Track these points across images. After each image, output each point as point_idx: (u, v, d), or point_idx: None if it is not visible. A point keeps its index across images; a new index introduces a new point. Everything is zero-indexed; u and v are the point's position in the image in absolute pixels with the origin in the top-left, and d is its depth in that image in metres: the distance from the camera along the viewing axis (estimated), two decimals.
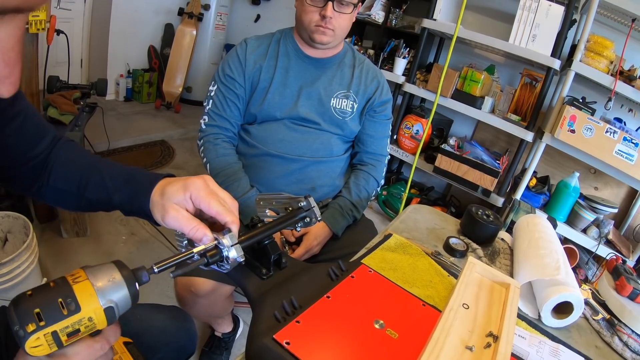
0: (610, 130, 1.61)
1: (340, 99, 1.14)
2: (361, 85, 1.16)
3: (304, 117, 1.11)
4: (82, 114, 1.56)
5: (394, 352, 0.47)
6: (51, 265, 1.55)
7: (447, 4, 2.14)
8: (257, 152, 1.11)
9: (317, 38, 1.05)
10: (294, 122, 1.11)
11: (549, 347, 0.61)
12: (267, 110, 1.10)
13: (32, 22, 1.38)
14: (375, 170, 1.20)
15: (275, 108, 1.10)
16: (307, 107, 1.11)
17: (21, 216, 1.26)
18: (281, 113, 1.10)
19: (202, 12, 3.30)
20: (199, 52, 3.43)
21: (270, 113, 1.10)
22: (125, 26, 3.10)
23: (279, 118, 1.10)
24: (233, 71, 1.10)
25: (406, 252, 0.79)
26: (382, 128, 1.21)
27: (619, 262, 0.83)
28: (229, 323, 1.38)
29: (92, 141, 2.01)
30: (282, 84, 1.10)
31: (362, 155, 1.22)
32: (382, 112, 1.20)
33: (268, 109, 1.10)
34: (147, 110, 3.32)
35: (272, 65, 1.11)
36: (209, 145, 1.10)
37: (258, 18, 3.65)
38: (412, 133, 2.27)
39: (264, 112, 1.10)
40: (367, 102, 1.17)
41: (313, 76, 1.13)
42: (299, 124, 1.12)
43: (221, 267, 0.51)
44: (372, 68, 1.20)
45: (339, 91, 1.14)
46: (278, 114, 1.10)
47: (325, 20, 1.01)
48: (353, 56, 1.19)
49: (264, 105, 1.10)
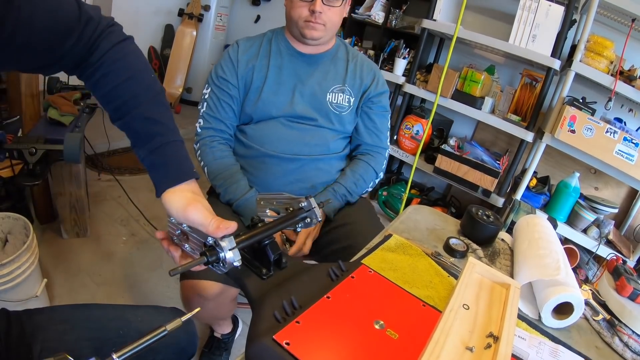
0: (611, 130, 1.61)
1: (336, 94, 1.13)
2: (356, 78, 1.16)
3: (300, 114, 1.10)
4: (83, 115, 1.56)
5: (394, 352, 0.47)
6: (51, 265, 1.55)
7: (447, 4, 2.14)
8: (254, 153, 1.11)
9: (307, 34, 1.05)
10: (290, 120, 1.11)
11: (549, 347, 0.60)
12: (262, 109, 1.10)
13: None
14: (374, 160, 1.19)
15: (270, 106, 1.10)
16: (303, 104, 1.11)
17: (21, 217, 1.26)
18: (277, 111, 1.10)
19: (202, 12, 3.31)
20: (199, 52, 3.43)
21: (265, 112, 1.10)
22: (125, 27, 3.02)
23: (274, 116, 1.10)
24: (226, 73, 1.10)
25: (406, 252, 0.79)
26: (379, 119, 1.20)
27: (620, 263, 0.83)
28: (229, 324, 1.38)
29: (92, 142, 2.01)
30: (276, 82, 1.10)
31: (361, 147, 1.21)
32: (379, 103, 1.19)
33: (263, 107, 1.10)
34: None
35: (265, 64, 1.11)
36: (205, 149, 1.09)
37: (258, 19, 3.66)
38: (412, 133, 2.27)
39: (259, 111, 1.10)
40: (363, 94, 1.17)
41: (307, 72, 1.12)
42: (295, 122, 1.11)
43: (217, 268, 0.51)
44: (366, 61, 1.20)
45: (334, 85, 1.13)
46: (274, 112, 1.10)
47: (315, 15, 1.02)
48: (346, 50, 1.18)
49: (259, 104, 1.09)
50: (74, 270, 1.57)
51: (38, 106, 1.57)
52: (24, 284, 1.16)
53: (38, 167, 1.22)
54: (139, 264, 1.68)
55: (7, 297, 1.12)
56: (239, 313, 1.50)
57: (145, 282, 1.59)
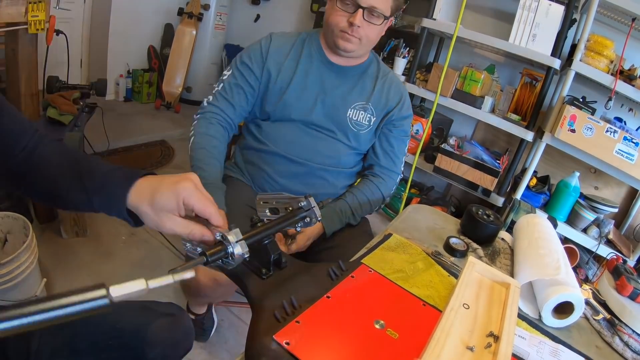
0: (611, 130, 1.61)
1: (357, 111, 1.11)
2: (382, 98, 1.13)
3: (317, 123, 1.09)
4: (82, 114, 1.55)
5: (394, 352, 0.47)
6: (51, 265, 1.55)
7: (447, 4, 2.14)
8: (264, 148, 1.10)
9: (341, 44, 1.02)
10: (307, 126, 1.09)
11: (549, 347, 0.60)
12: (282, 110, 1.08)
13: (32, 22, 1.38)
14: (384, 184, 1.16)
15: (290, 109, 1.08)
16: (323, 114, 1.09)
17: (21, 217, 1.26)
18: (296, 115, 1.08)
19: (201, 12, 3.30)
20: (199, 52, 3.42)
21: (285, 114, 1.09)
22: (125, 26, 3.10)
23: (293, 119, 1.09)
24: (252, 60, 1.08)
25: (406, 252, 0.78)
26: (397, 144, 1.17)
27: (620, 262, 0.83)
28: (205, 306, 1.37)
29: (92, 141, 2.01)
30: (300, 86, 1.08)
31: (373, 168, 1.18)
32: (401, 127, 1.16)
33: (283, 109, 1.08)
34: (147, 111, 3.32)
35: (293, 65, 1.09)
36: (203, 122, 1.07)
37: (258, 18, 3.65)
38: (412, 133, 2.26)
39: (279, 111, 1.09)
40: (386, 116, 1.14)
41: (333, 83, 1.10)
42: (312, 129, 1.10)
43: (226, 264, 0.51)
44: (395, 81, 1.16)
45: (357, 102, 1.11)
46: (293, 115, 1.08)
47: (353, 27, 0.98)
48: (377, 67, 1.15)
49: (280, 105, 1.08)
50: (74, 270, 1.57)
51: (37, 106, 1.57)
52: (23, 283, 1.16)
53: None
54: (139, 264, 1.68)
55: (7, 296, 1.12)
56: (241, 313, 1.50)
57: None
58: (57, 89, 1.56)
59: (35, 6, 1.37)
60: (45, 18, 1.43)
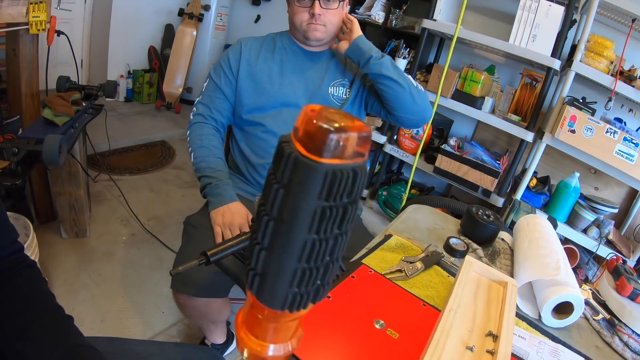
0: (611, 131, 1.61)
1: (337, 87, 1.20)
2: (353, 67, 1.21)
3: (304, 105, 1.12)
4: (83, 115, 1.55)
5: (394, 352, 0.47)
6: (51, 265, 1.55)
7: (447, 4, 2.14)
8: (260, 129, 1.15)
9: (310, 35, 1.11)
10: (296, 108, 1.15)
11: (549, 347, 0.61)
12: (268, 99, 1.14)
13: (33, 22, 1.38)
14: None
15: (276, 96, 1.15)
16: (306, 96, 1.17)
17: (21, 217, 1.26)
18: (283, 100, 1.15)
19: (202, 12, 3.30)
20: (199, 52, 3.43)
21: (270, 101, 1.15)
22: (126, 27, 3.10)
23: (278, 106, 1.15)
24: (229, 65, 1.16)
25: (406, 252, 0.79)
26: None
27: (620, 262, 0.83)
28: (222, 334, 1.32)
29: (93, 141, 2.01)
30: (279, 75, 1.16)
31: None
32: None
33: (268, 98, 1.14)
34: (148, 111, 3.32)
35: (269, 57, 1.17)
36: (195, 131, 1.13)
37: (258, 18, 3.66)
38: (413, 133, 2.26)
39: (265, 100, 1.15)
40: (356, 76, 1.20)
41: (310, 67, 1.19)
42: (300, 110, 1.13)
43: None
44: None
45: (335, 80, 1.20)
46: (280, 101, 1.15)
47: (315, 17, 1.08)
48: None
49: (265, 95, 1.14)
50: (74, 270, 1.57)
51: (38, 106, 1.57)
52: None
53: (19, 167, 1.21)
54: (139, 264, 1.68)
55: None
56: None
57: (145, 282, 1.58)
58: (66, 89, 1.56)
59: (37, 7, 1.37)
60: (46, 18, 1.43)
